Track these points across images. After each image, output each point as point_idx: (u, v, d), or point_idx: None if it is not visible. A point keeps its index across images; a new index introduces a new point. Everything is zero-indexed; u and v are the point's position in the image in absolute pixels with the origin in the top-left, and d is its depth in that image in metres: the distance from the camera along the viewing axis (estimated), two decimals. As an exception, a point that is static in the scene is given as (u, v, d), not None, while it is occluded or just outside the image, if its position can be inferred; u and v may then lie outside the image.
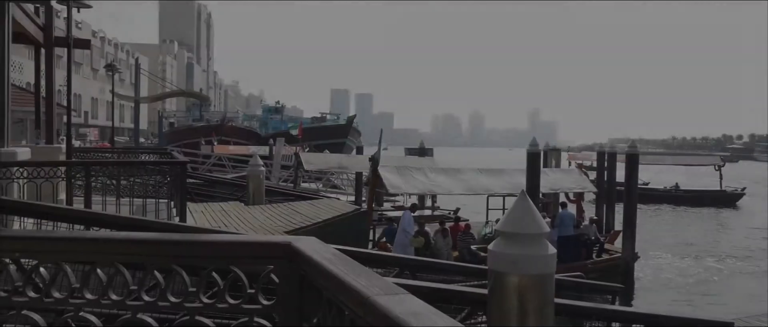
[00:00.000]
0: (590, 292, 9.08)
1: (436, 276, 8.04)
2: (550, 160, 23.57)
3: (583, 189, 19.01)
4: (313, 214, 11.56)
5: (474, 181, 15.88)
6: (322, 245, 2.02)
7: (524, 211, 4.57)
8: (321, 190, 25.68)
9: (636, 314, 7.25)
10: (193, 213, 10.95)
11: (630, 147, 18.76)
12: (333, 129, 62.12)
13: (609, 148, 25.36)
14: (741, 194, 40.11)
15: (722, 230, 28.64)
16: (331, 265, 1.71)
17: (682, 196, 39.25)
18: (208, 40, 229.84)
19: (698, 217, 32.92)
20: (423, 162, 21.64)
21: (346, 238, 10.72)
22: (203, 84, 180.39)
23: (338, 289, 1.62)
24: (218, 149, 38.58)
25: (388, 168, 14.93)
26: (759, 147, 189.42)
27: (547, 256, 4.53)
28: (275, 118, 75.77)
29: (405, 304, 1.37)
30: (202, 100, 74.05)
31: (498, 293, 4.57)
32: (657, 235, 25.47)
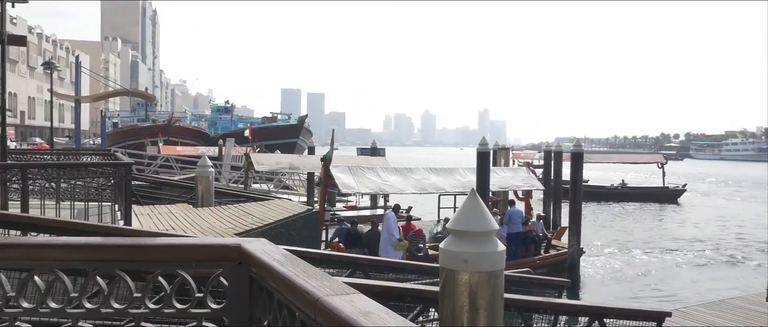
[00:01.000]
0: (538, 287, 9.32)
1: (389, 275, 8.08)
2: (500, 159, 24.06)
3: (531, 187, 19.49)
4: (264, 215, 11.40)
5: (426, 180, 16.03)
6: (272, 246, 2.00)
7: (474, 210, 4.64)
8: (272, 191, 25.39)
9: (582, 307, 7.50)
10: (139, 216, 10.61)
11: (575, 146, 19.38)
12: (284, 129, 61.50)
13: (555, 146, 26.09)
14: (682, 191, 42.08)
15: (664, 225, 29.96)
16: (282, 267, 1.70)
17: (627, 193, 40.84)
18: (154, 38, 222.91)
19: (642, 213, 34.31)
20: (375, 162, 21.68)
21: (298, 239, 10.64)
22: (149, 83, 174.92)
23: (289, 290, 1.60)
24: (165, 150, 37.56)
25: (340, 168, 14.89)
26: (694, 145, 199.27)
27: (496, 253, 4.62)
28: (225, 118, 74.48)
29: (356, 304, 1.37)
30: (147, 99, 71.77)
31: (449, 290, 4.63)
32: (603, 231, 26.43)
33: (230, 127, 66.90)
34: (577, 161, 18.55)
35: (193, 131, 61.04)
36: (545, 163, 26.54)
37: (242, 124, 63.94)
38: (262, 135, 53.89)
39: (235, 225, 10.40)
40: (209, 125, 73.46)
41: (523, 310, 6.28)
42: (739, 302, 11.02)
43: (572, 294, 14.86)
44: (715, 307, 10.66)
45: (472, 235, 4.58)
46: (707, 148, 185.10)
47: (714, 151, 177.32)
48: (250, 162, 20.55)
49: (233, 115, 76.89)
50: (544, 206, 23.77)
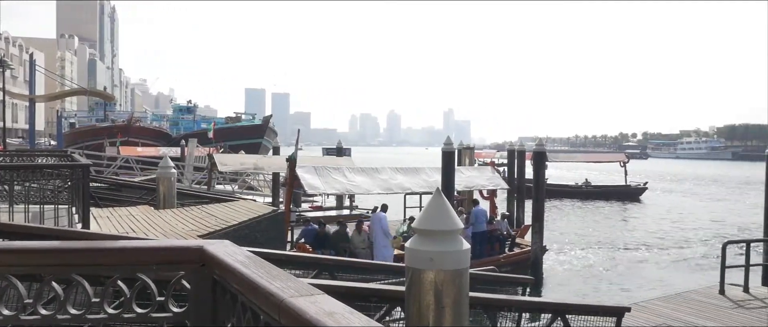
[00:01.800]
0: (503, 285, 9.47)
1: (355, 275, 8.07)
2: (464, 159, 24.29)
3: (495, 186, 19.75)
4: (228, 216, 11.23)
5: (391, 180, 16.07)
6: (235, 248, 1.97)
7: (439, 209, 4.68)
8: (236, 192, 25.06)
9: (545, 304, 7.65)
10: (98, 219, 10.33)
11: (537, 145, 19.72)
12: (248, 129, 60.77)
13: (518, 145, 26.49)
14: (644, 189, 43.32)
15: (626, 222, 30.77)
16: (245, 269, 1.68)
17: (591, 192, 41.82)
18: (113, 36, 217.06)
19: (605, 211, 35.17)
20: (341, 162, 21.63)
21: (263, 241, 10.53)
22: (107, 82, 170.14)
23: (252, 292, 1.59)
24: (125, 151, 36.67)
25: (306, 168, 14.80)
26: (651, 144, 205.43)
27: (461, 252, 4.67)
28: (187, 118, 73.21)
29: (320, 305, 1.36)
30: (106, 98, 69.97)
31: (415, 289, 4.65)
32: (566, 229, 26.98)
33: (193, 128, 65.88)
34: (540, 160, 18.87)
35: (154, 131, 59.72)
36: (509, 163, 26.94)
37: (205, 124, 62.98)
38: (226, 135, 53.16)
39: (198, 227, 10.22)
40: (171, 125, 72.09)
41: (487, 308, 6.37)
42: (694, 295, 11.41)
43: (536, 291, 15.13)
44: (672, 301, 11.01)
45: (437, 234, 4.62)
46: (663, 147, 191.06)
47: (670, 150, 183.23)
48: (214, 162, 20.23)
49: (196, 115, 75.68)
50: (507, 205, 24.13)
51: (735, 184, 61.25)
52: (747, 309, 10.57)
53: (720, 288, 11.56)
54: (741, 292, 11.55)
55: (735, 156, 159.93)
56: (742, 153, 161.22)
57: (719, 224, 29.77)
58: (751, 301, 11.04)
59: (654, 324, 9.43)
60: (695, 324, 9.44)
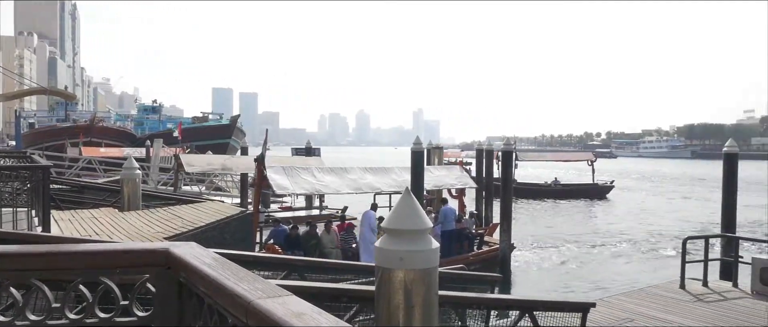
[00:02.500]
0: (472, 283, 9.55)
1: (325, 276, 8.04)
2: (433, 158, 24.45)
3: (464, 185, 19.93)
4: (195, 218, 11.06)
5: (361, 180, 16.06)
6: (202, 250, 1.95)
7: (408, 208, 4.70)
8: (204, 193, 24.70)
9: (512, 301, 7.76)
10: (59, 222, 10.04)
11: (505, 144, 19.97)
12: (216, 129, 60.05)
13: (486, 145, 26.79)
14: (611, 187, 44.30)
15: (592, 220, 31.42)
16: (212, 270, 1.66)
17: (560, 190, 42.57)
18: (74, 34, 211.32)
19: (573, 209, 35.83)
20: (310, 162, 21.52)
21: (231, 242, 10.40)
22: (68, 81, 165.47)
23: (219, 294, 1.57)
24: (87, 151, 35.73)
25: (275, 168, 14.67)
26: (615, 143, 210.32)
27: (430, 251, 4.69)
28: (152, 117, 71.98)
29: (288, 306, 1.36)
30: (67, 98, 67.98)
31: (385, 289, 4.66)
32: (535, 227, 27.41)
33: (158, 128, 64.86)
34: (507, 159, 19.12)
35: (118, 132, 58.43)
36: (477, 162, 27.22)
37: (171, 124, 62.01)
38: (193, 135, 52.45)
39: (164, 229, 10.03)
40: (136, 125, 70.76)
41: (457, 306, 6.42)
42: (656, 290, 11.74)
43: (504, 288, 15.33)
44: (635, 296, 11.30)
45: (406, 233, 4.63)
46: (627, 147, 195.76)
47: (632, 149, 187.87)
48: (180, 163, 19.89)
49: (161, 114, 74.43)
50: (476, 204, 24.38)
51: (695, 181, 63.20)
52: (706, 302, 10.92)
53: (680, 282, 11.92)
54: (700, 286, 11.93)
55: (694, 154, 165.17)
56: (700, 152, 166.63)
57: (681, 221, 30.66)
58: (709, 295, 11.42)
59: (618, 318, 9.66)
60: (657, 317, 9.71)
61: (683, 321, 9.17)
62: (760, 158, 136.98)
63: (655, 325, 9.09)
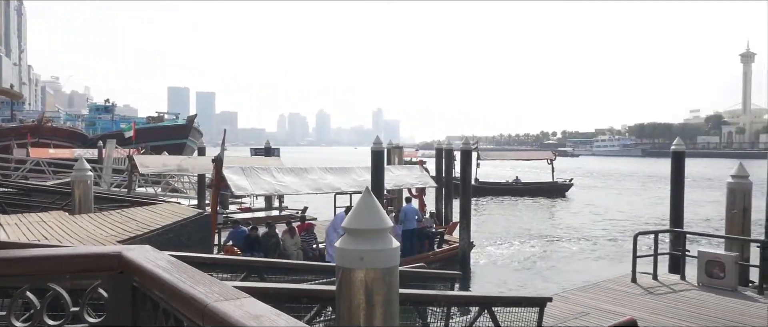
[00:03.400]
0: (432, 281, 9.64)
1: (286, 276, 7.97)
2: (394, 158, 24.53)
3: (424, 184, 20.07)
4: (150, 220, 10.77)
5: (321, 180, 15.98)
6: (156, 253, 1.90)
7: (369, 208, 4.69)
8: (160, 195, 24.11)
9: (472, 298, 7.86)
10: (5, 226, 9.62)
11: (464, 144, 20.20)
12: (172, 129, 58.71)
13: (446, 145, 27.04)
14: (570, 185, 45.34)
15: (552, 217, 32.08)
16: (167, 274, 1.62)
17: (521, 189, 43.30)
18: (20, 30, 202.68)
19: (533, 207, 36.49)
20: (269, 162, 21.28)
21: (189, 244, 10.18)
22: (14, 79, 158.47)
23: (175, 298, 1.53)
24: (35, 153, 34.32)
25: (233, 169, 14.45)
26: (570, 142, 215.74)
27: (391, 250, 4.70)
28: (105, 117, 69.96)
29: (246, 308, 1.34)
30: (12, 97, 65.18)
31: (346, 289, 4.64)
32: (496, 225, 27.82)
33: (111, 128, 63.10)
34: (466, 159, 19.35)
35: (68, 132, 56.46)
36: (437, 161, 27.45)
37: (125, 125, 60.25)
38: (148, 136, 51.16)
39: (118, 232, 9.74)
40: (87, 126, 68.59)
41: (418, 304, 6.46)
42: (609, 284, 12.10)
43: (464, 285, 15.52)
44: (589, 290, 11.63)
45: (367, 233, 4.63)
46: (581, 145, 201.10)
47: (586, 148, 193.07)
48: (134, 164, 19.36)
49: (114, 114, 72.36)
50: (436, 202, 24.59)
51: (647, 179, 65.44)
52: (656, 295, 11.33)
53: (632, 276, 12.33)
54: (650, 280, 12.37)
55: (644, 153, 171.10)
56: (650, 150, 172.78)
57: (634, 217, 31.68)
58: (659, 288, 11.85)
59: (573, 312, 9.92)
60: (610, 310, 10.02)
61: (634, 313, 9.48)
62: (705, 156, 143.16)
63: (608, 317, 9.36)
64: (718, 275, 11.77)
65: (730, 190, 13.01)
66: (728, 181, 13.13)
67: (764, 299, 10.87)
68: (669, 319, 9.74)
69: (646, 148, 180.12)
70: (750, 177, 12.90)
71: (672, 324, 9.47)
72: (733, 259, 11.76)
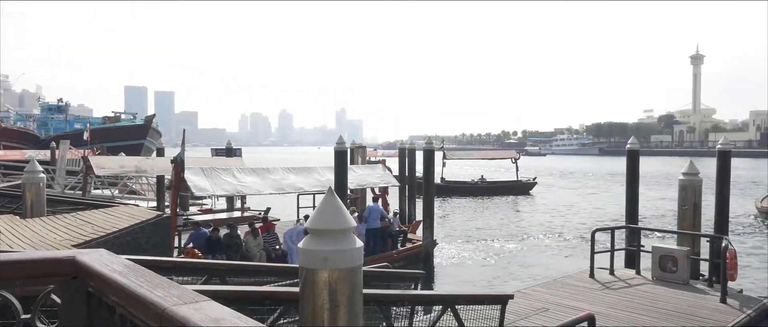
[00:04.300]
0: (396, 280, 9.67)
1: (248, 279, 7.86)
2: (357, 157, 24.52)
3: (387, 184, 20.12)
4: (107, 223, 10.47)
5: (284, 180, 15.84)
6: (113, 257, 1.85)
7: (332, 208, 4.67)
8: (117, 197, 23.45)
9: (435, 296, 7.92)
10: (-50, 231, 9.19)
11: (427, 143, 20.34)
12: (129, 129, 57.26)
13: (409, 144, 27.18)
14: (533, 183, 46.14)
15: (515, 215, 32.56)
16: (123, 278, 1.57)
17: (486, 188, 43.83)
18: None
19: (498, 205, 36.98)
20: (231, 162, 20.96)
21: (148, 248, 9.94)
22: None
23: (132, 303, 1.49)
24: (-17, 155, 32.95)
25: (193, 169, 14.17)
26: (530, 141, 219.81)
27: (354, 250, 4.69)
28: (58, 117, 67.63)
29: (206, 312, 1.31)
30: (-42, 96, 62.48)
31: (309, 290, 4.61)
32: (461, 223, 28.09)
33: (65, 128, 61.07)
34: (429, 158, 19.49)
35: (18, 133, 54.43)
36: (400, 160, 27.56)
37: (79, 125, 58.50)
38: (104, 136, 49.78)
39: (72, 236, 9.43)
40: (39, 126, 66.22)
41: (382, 303, 6.47)
42: (568, 280, 12.39)
43: (427, 284, 15.62)
44: (550, 286, 11.88)
45: (330, 233, 4.61)
46: (540, 144, 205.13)
47: (546, 147, 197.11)
48: (90, 165, 18.78)
49: (68, 114, 69.99)
50: (399, 201, 24.69)
51: (605, 177, 67.21)
52: (612, 289, 11.66)
53: (590, 272, 12.65)
54: (608, 275, 12.72)
55: (601, 151, 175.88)
56: (607, 148, 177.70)
57: (594, 214, 32.49)
58: (616, 282, 12.19)
59: (534, 308, 10.11)
60: (569, 305, 10.25)
61: (592, 307, 9.73)
62: (658, 154, 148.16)
63: (567, 313, 9.57)
64: (671, 269, 12.19)
65: (681, 187, 13.48)
66: (680, 179, 13.60)
67: (714, 292, 11.31)
68: (625, 312, 10.03)
69: (603, 146, 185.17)
70: (700, 174, 13.39)
71: (628, 317, 9.76)
72: (684, 254, 12.20)
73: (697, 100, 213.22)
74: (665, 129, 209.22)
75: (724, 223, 13.85)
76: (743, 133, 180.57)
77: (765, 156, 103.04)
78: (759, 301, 11.01)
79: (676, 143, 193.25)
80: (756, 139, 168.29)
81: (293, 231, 14.27)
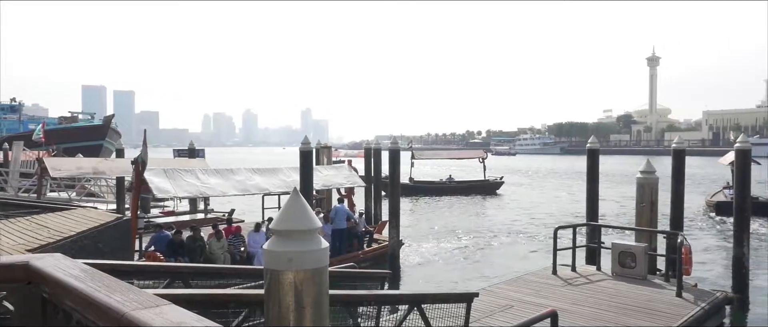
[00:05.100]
0: (362, 280, 9.66)
1: (212, 281, 7.73)
2: (322, 158, 24.40)
3: (353, 184, 20.10)
4: (64, 227, 10.14)
5: (248, 181, 15.65)
6: (69, 262, 1.79)
7: (297, 209, 4.64)
8: (74, 200, 22.77)
9: (401, 296, 7.95)
10: None
11: (392, 143, 20.39)
12: (87, 130, 55.70)
13: (375, 144, 27.19)
14: (501, 182, 46.72)
15: (482, 214, 32.89)
16: (80, 283, 1.53)
17: (454, 187, 44.16)
18: None
19: (465, 204, 37.27)
20: (193, 163, 20.60)
21: (108, 251, 9.67)
22: None
23: (89, 308, 1.45)
24: (-70, 157, 31.46)
25: (155, 171, 13.87)
26: (494, 140, 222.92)
27: (320, 251, 4.67)
28: (10, 117, 65.33)
29: (166, 316, 1.29)
30: None
31: (274, 291, 4.56)
32: (428, 223, 28.23)
33: (18, 129, 59.07)
34: (395, 158, 19.53)
35: (-33, 134, 52.18)
36: (366, 160, 27.54)
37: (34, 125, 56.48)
38: (60, 137, 48.26)
39: (27, 240, 9.10)
40: (-10, 127, 63.63)
41: (348, 304, 6.46)
42: (532, 277, 12.61)
43: (394, 284, 15.67)
44: (513, 283, 12.07)
45: (295, 234, 4.58)
46: (504, 144, 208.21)
47: (510, 146, 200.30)
48: (45, 167, 18.18)
49: (22, 114, 67.60)
50: (365, 202, 24.67)
51: (567, 175, 68.62)
52: (574, 286, 11.92)
53: (553, 269, 12.91)
54: (570, 272, 13.00)
55: (563, 150, 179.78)
56: (568, 148, 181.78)
57: (557, 211, 33.11)
58: (577, 279, 12.47)
59: (499, 305, 10.25)
60: (532, 302, 10.44)
61: (555, 303, 9.92)
62: (617, 153, 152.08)
63: (531, 309, 9.74)
64: (629, 265, 12.54)
65: (638, 185, 13.87)
66: (637, 177, 14.00)
67: (670, 286, 11.69)
68: (587, 308, 10.27)
69: (564, 145, 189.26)
70: (656, 172, 13.80)
71: (589, 312, 9.99)
72: (643, 250, 12.57)
73: (654, 100, 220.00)
74: (624, 128, 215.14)
75: (679, 220, 14.33)
76: (697, 132, 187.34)
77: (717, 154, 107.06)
78: (712, 295, 11.43)
79: (634, 142, 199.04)
80: (709, 138, 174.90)
81: (257, 233, 14.15)
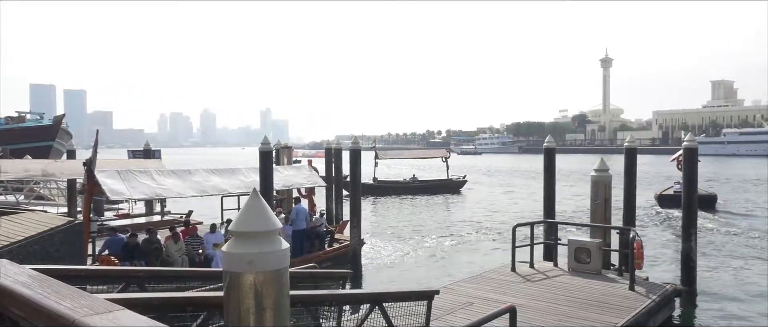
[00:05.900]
0: (324, 281, 9.62)
1: (170, 285, 7.56)
2: (282, 158, 24.17)
3: (313, 184, 19.98)
4: (10, 231, 9.73)
5: (206, 182, 15.35)
6: (16, 267, 1.72)
7: (256, 210, 4.59)
8: (22, 203, 21.90)
9: (362, 295, 7.94)
10: None
11: (353, 143, 20.37)
12: (35, 131, 53.64)
13: (335, 144, 27.10)
14: (464, 182, 47.17)
15: (444, 213, 33.14)
16: (27, 289, 1.47)
17: (418, 186, 44.38)
18: None
19: (429, 204, 37.49)
20: (149, 164, 20.05)
21: (58, 256, 9.35)
22: None
23: (37, 315, 1.40)
24: None
25: (108, 172, 13.45)
26: (454, 140, 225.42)
27: (281, 252, 4.63)
28: (-48, 118, 62.06)
29: (120, 321, 1.25)
30: None
31: (234, 294, 4.50)
32: (389, 223, 28.27)
33: (-40, 130, 56.12)
34: (356, 157, 19.52)
35: None
36: (327, 160, 27.44)
37: (-23, 126, 54.05)
38: (7, 138, 46.39)
39: (-29, 246, 8.69)
40: (-72, 128, 60.45)
41: (309, 304, 6.41)
42: (491, 274, 12.81)
43: (355, 283, 15.67)
44: (474, 281, 12.23)
45: (255, 235, 4.52)
46: (464, 143, 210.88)
47: (469, 145, 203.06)
48: (-10, 170, 17.38)
49: (-35, 114, 64.47)
50: (326, 202, 24.56)
51: (526, 173, 69.97)
52: (532, 282, 12.17)
53: (512, 266, 13.14)
54: (528, 268, 13.27)
55: (521, 149, 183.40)
56: (526, 147, 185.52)
57: (517, 209, 33.71)
58: (535, 275, 12.73)
59: (459, 303, 10.37)
60: (492, 298, 10.60)
61: (513, 299, 10.11)
62: (573, 152, 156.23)
63: (490, 305, 9.90)
64: (584, 260, 12.89)
65: (593, 183, 14.27)
66: (592, 175, 14.39)
67: (623, 280, 12.07)
68: (544, 303, 10.50)
69: (522, 145, 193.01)
70: (609, 170, 14.22)
71: (546, 307, 10.22)
72: (597, 246, 12.94)
73: (607, 100, 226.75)
74: (579, 128, 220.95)
75: (631, 216, 14.81)
76: (647, 131, 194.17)
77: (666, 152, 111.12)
78: (662, 287, 11.87)
79: (589, 141, 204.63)
80: (658, 137, 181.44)
81: (213, 234, 13.95)
